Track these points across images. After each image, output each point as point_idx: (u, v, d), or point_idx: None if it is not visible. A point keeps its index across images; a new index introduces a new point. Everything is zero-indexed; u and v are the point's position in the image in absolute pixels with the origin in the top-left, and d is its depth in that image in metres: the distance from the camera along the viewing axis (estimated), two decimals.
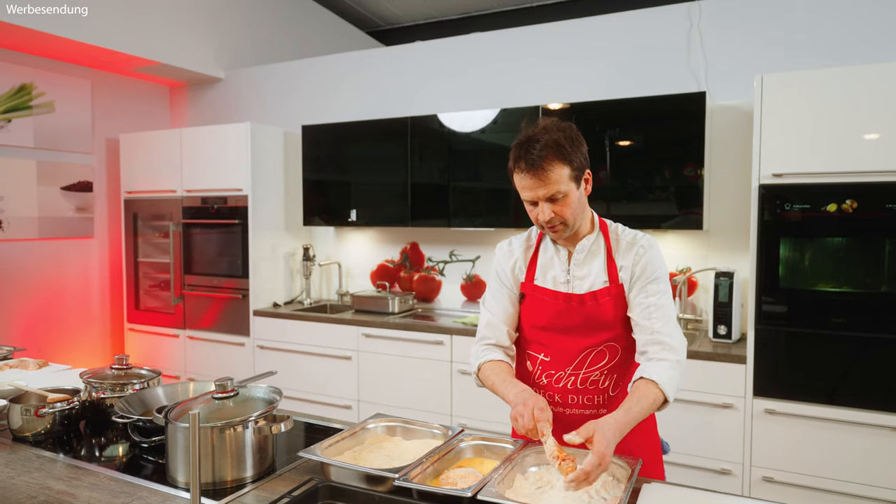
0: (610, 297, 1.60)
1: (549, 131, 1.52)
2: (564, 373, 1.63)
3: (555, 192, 1.52)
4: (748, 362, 2.78)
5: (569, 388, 1.63)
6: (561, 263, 1.66)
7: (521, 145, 1.54)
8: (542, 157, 1.49)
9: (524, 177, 1.53)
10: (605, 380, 1.62)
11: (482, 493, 1.27)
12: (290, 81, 4.74)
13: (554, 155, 1.50)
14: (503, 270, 1.74)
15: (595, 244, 1.65)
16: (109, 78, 4.79)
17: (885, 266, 2.56)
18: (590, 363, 1.61)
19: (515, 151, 1.54)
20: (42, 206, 4.38)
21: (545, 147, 1.50)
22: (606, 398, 1.63)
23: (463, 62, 4.10)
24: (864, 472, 2.58)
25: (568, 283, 1.64)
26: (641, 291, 1.59)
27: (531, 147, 1.51)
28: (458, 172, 3.75)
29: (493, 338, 1.71)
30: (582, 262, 1.64)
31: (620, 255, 1.63)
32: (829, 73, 2.62)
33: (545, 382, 1.66)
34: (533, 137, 1.52)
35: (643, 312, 1.58)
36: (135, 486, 1.49)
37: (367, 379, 3.78)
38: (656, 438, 1.76)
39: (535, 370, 1.68)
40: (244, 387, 1.68)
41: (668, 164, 3.18)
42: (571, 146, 1.52)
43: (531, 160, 1.50)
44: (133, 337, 4.74)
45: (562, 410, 1.64)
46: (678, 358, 1.55)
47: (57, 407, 1.78)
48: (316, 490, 1.36)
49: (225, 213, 4.27)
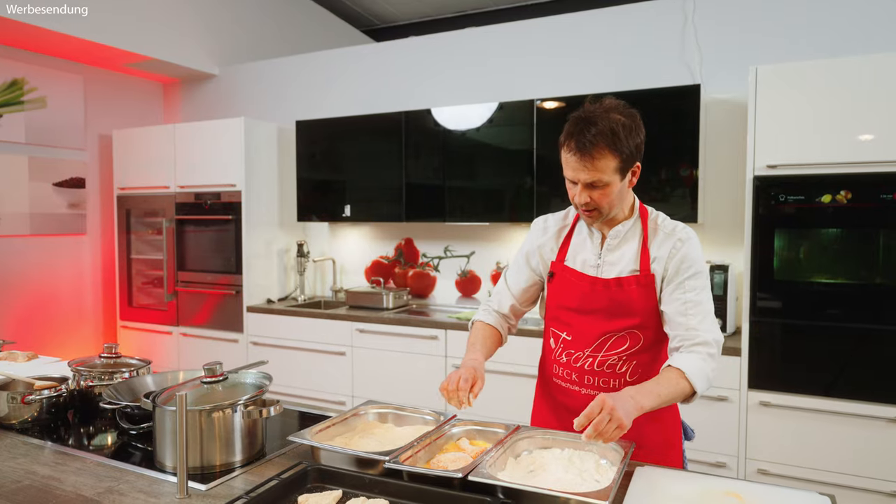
0: (637, 285, 1.57)
1: (609, 115, 1.47)
2: (583, 353, 1.62)
3: (596, 181, 1.48)
4: (743, 355, 2.77)
5: (585, 369, 1.63)
6: (593, 247, 1.64)
7: (577, 122, 1.48)
8: (594, 144, 1.44)
9: (571, 156, 1.48)
10: (622, 365, 1.60)
11: (473, 475, 1.26)
12: (284, 78, 4.73)
13: (606, 144, 1.45)
14: (532, 248, 1.75)
15: (631, 231, 1.61)
16: (102, 74, 4.77)
17: (879, 257, 2.56)
18: (609, 347, 1.60)
19: (570, 127, 1.49)
20: (34, 202, 4.35)
21: (600, 133, 1.44)
22: (623, 383, 1.60)
23: (457, 58, 4.09)
24: (859, 464, 2.57)
25: (598, 268, 1.62)
26: (679, 287, 1.54)
27: (586, 128, 1.45)
28: (452, 167, 3.74)
29: (496, 304, 1.80)
30: (615, 248, 1.61)
31: (656, 246, 1.58)
32: (823, 64, 2.62)
33: (564, 360, 1.66)
34: (591, 118, 1.47)
35: (680, 308, 1.53)
36: (122, 470, 1.47)
37: (362, 374, 3.76)
38: (677, 425, 1.72)
39: (557, 348, 1.68)
40: (235, 373, 1.66)
41: (662, 157, 3.18)
42: (627, 137, 1.47)
43: (582, 143, 1.45)
44: (126, 334, 4.71)
45: (577, 389, 1.64)
46: (710, 351, 1.49)
47: (44, 394, 1.76)
48: (305, 473, 1.34)
49: (218, 208, 4.24)
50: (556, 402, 1.71)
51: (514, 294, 1.78)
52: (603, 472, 1.38)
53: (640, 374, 1.61)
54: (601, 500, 1.16)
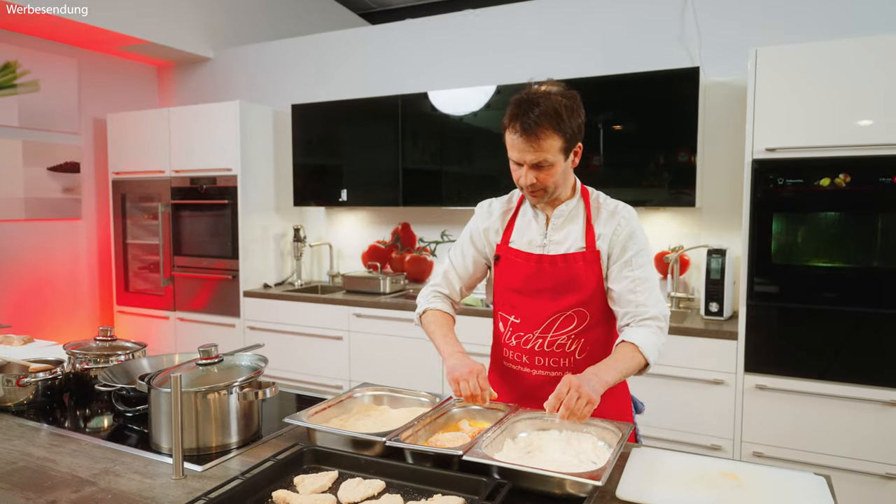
0: (584, 262, 1.61)
1: (551, 97, 1.50)
2: (532, 335, 1.65)
3: (542, 161, 1.51)
4: (739, 338, 2.77)
5: (536, 350, 1.65)
6: (539, 227, 1.67)
7: (520, 104, 1.50)
8: (538, 124, 1.47)
9: (515, 138, 1.51)
10: (571, 343, 1.63)
11: (469, 455, 1.26)
12: (279, 61, 4.68)
13: (550, 124, 1.47)
14: (477, 231, 1.77)
15: (574, 210, 1.66)
16: (96, 57, 4.71)
17: (877, 241, 2.55)
18: (558, 327, 1.63)
19: (513, 109, 1.51)
20: (28, 186, 4.32)
21: (543, 114, 1.47)
22: (572, 361, 1.65)
23: (454, 41, 4.05)
24: (854, 447, 2.59)
25: (544, 247, 1.65)
26: (626, 266, 1.59)
27: (530, 110, 1.47)
28: (449, 151, 3.71)
29: (445, 288, 1.81)
30: (560, 227, 1.65)
31: (600, 224, 1.63)
32: (824, 46, 2.60)
33: (514, 344, 1.68)
34: (534, 100, 1.49)
35: (629, 286, 1.58)
36: (117, 452, 1.47)
37: (359, 359, 3.76)
38: (627, 399, 1.78)
39: (506, 331, 1.70)
40: (230, 355, 1.66)
41: (660, 140, 3.16)
42: (570, 117, 1.50)
43: (526, 124, 1.47)
44: (123, 319, 4.70)
45: (528, 371, 1.67)
46: (660, 325, 1.57)
47: (39, 377, 1.75)
48: (301, 454, 1.33)
49: (214, 193, 4.22)
50: (510, 386, 1.73)
51: (461, 276, 1.80)
52: (600, 454, 1.38)
53: (588, 352, 1.64)
54: (595, 480, 1.16)
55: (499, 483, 1.18)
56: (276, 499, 1.18)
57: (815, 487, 1.26)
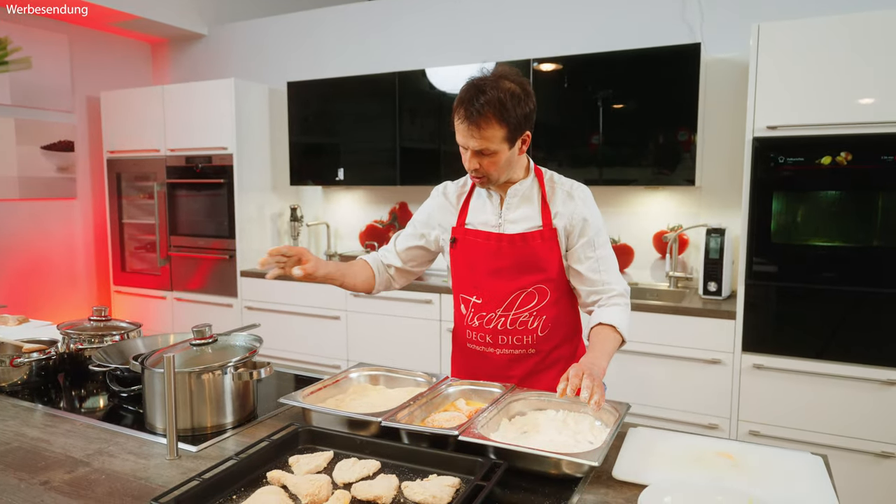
0: (542, 239, 1.63)
1: (498, 84, 1.49)
2: (495, 314, 1.66)
3: (484, 148, 1.52)
4: (737, 318, 2.77)
5: (499, 329, 1.67)
6: (493, 208, 1.68)
7: (468, 89, 1.51)
8: (480, 114, 1.47)
9: (460, 124, 1.52)
10: (533, 321, 1.66)
11: (464, 435, 1.25)
12: (274, 37, 4.61)
13: (493, 114, 1.47)
14: (430, 215, 1.79)
15: (528, 189, 1.67)
16: (88, 34, 4.64)
17: (877, 219, 2.53)
18: (519, 304, 1.65)
19: (461, 93, 1.52)
20: (22, 165, 4.27)
21: (487, 104, 1.47)
22: (535, 339, 1.67)
23: (452, 16, 3.98)
24: (850, 426, 2.59)
25: (499, 227, 1.66)
26: (589, 246, 1.63)
27: (475, 98, 1.48)
28: (447, 130, 3.67)
29: (382, 255, 1.84)
30: (515, 207, 1.66)
31: (557, 203, 1.64)
32: (827, 21, 2.55)
33: (476, 324, 1.70)
34: (481, 87, 1.49)
35: (593, 266, 1.63)
36: (112, 432, 1.46)
37: (356, 339, 3.76)
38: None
39: (468, 313, 1.71)
40: (225, 335, 1.64)
41: (660, 117, 3.12)
42: (515, 107, 1.50)
43: (470, 112, 1.48)
44: (120, 299, 4.69)
45: (492, 351, 1.69)
46: (626, 301, 1.65)
47: (32, 357, 1.74)
48: (297, 434, 1.33)
49: (210, 172, 4.18)
50: (477, 366, 1.73)
51: (401, 253, 1.81)
52: (597, 434, 1.37)
53: (550, 328, 1.67)
54: (591, 460, 1.16)
55: (495, 463, 1.17)
56: (272, 479, 1.17)
57: (812, 467, 1.26)
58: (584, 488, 1.19)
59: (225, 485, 1.13)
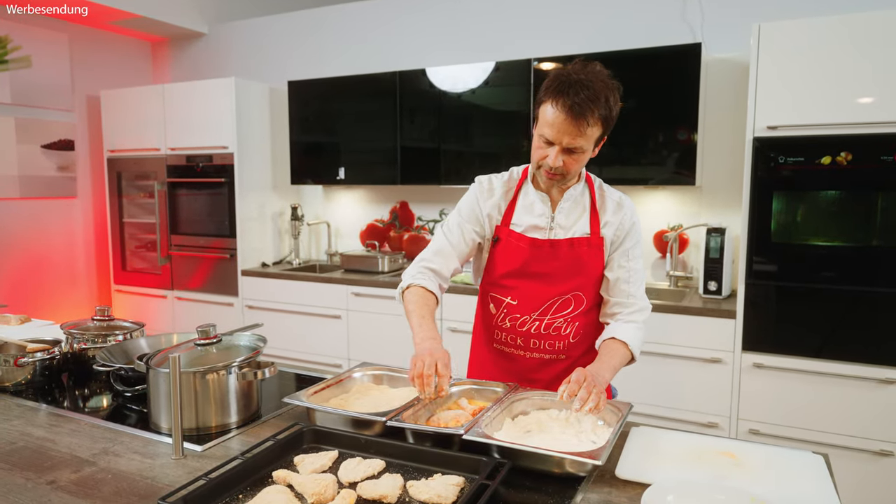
0: (588, 247, 1.60)
1: (601, 81, 1.42)
2: (530, 317, 1.63)
3: (577, 146, 1.45)
4: (738, 317, 2.78)
5: (532, 333, 1.64)
6: (543, 209, 1.62)
7: (568, 81, 1.40)
8: (588, 109, 1.39)
9: (558, 115, 1.41)
10: (567, 327, 1.64)
11: (468, 434, 1.26)
12: (275, 36, 4.61)
13: (599, 112, 1.41)
14: (479, 207, 1.66)
15: (581, 195, 1.63)
16: (88, 32, 4.63)
17: (876, 219, 2.54)
18: (556, 310, 1.62)
19: (557, 84, 1.41)
20: (22, 164, 4.27)
21: (594, 99, 1.39)
22: (566, 345, 1.65)
23: (452, 16, 3.99)
24: (850, 424, 2.61)
25: (549, 230, 1.62)
26: (625, 255, 1.62)
27: (580, 90, 1.38)
28: (447, 129, 3.68)
29: (437, 265, 1.66)
30: (567, 211, 1.62)
31: (607, 212, 1.62)
32: (828, 21, 2.56)
33: (508, 326, 1.66)
34: (583, 81, 1.40)
35: (624, 276, 1.61)
36: (117, 432, 1.46)
37: (357, 338, 3.77)
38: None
39: (500, 313, 1.67)
40: (229, 335, 1.65)
41: (661, 118, 3.13)
42: (613, 108, 1.46)
43: (576, 105, 1.38)
44: (121, 298, 4.70)
45: (522, 354, 1.67)
46: (645, 318, 1.64)
47: (36, 356, 1.74)
48: (301, 434, 1.33)
49: (210, 171, 4.18)
50: (502, 368, 1.70)
51: (458, 255, 1.66)
52: (600, 433, 1.38)
53: (581, 335, 1.66)
54: (594, 459, 1.17)
55: (499, 462, 1.18)
56: (277, 478, 1.18)
57: (813, 466, 1.27)
58: (588, 487, 1.20)
59: (231, 484, 1.14)
